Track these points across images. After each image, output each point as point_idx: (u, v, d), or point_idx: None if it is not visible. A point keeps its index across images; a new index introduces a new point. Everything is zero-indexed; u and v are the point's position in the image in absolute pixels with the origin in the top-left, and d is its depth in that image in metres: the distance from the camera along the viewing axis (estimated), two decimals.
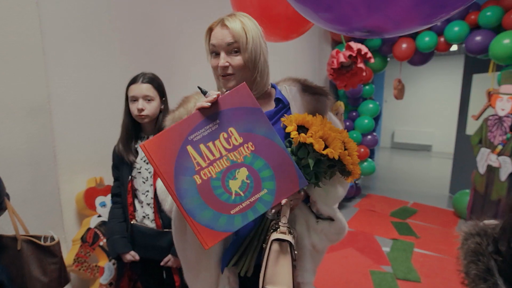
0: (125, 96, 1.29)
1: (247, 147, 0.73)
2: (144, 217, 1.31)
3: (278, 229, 0.76)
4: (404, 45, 3.40)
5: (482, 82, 3.73)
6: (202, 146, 0.71)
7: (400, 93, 3.89)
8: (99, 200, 1.58)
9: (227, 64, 0.81)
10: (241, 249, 0.85)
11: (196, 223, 0.70)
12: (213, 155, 0.72)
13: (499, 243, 0.79)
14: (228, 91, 0.74)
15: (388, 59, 3.88)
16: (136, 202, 1.32)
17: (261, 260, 0.86)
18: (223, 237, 0.71)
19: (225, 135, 0.72)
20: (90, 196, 1.56)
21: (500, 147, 2.51)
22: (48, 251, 1.13)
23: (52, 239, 1.16)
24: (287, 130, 0.79)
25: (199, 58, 2.28)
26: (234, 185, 0.72)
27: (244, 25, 0.80)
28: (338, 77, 3.13)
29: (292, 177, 0.74)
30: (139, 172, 1.30)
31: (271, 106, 0.91)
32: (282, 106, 0.90)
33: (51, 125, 1.44)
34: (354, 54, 2.83)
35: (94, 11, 1.58)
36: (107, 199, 1.61)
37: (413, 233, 3.10)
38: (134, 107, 1.25)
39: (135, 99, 1.25)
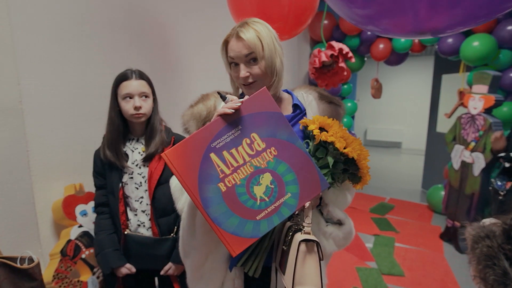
0: (112, 94, 1.18)
1: (270, 152, 0.73)
2: (139, 225, 1.21)
3: (303, 230, 0.76)
4: (381, 46, 3.50)
5: (451, 82, 3.93)
6: (225, 153, 0.71)
7: (377, 92, 4.00)
8: (79, 208, 1.45)
9: (247, 74, 0.83)
10: (251, 249, 0.85)
11: (222, 231, 0.69)
12: (237, 161, 0.71)
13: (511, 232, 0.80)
14: (249, 96, 0.74)
15: (365, 59, 3.97)
16: (127, 210, 1.22)
17: (273, 262, 0.89)
18: (250, 243, 0.71)
19: (248, 141, 0.72)
20: (69, 204, 1.42)
21: (473, 143, 2.65)
22: (26, 275, 0.99)
23: (31, 260, 1.02)
24: (310, 128, 0.80)
25: (190, 56, 2.18)
26: (259, 191, 0.72)
27: (258, 33, 0.82)
28: (319, 76, 3.15)
29: (314, 180, 0.75)
30: (131, 178, 1.19)
31: (286, 111, 0.94)
32: (299, 112, 0.93)
33: (23, 128, 1.29)
34: (336, 54, 2.86)
35: (70, 3, 1.44)
36: (88, 207, 1.48)
37: (392, 228, 3.21)
38: (129, 106, 1.14)
39: (130, 97, 1.14)
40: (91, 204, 1.50)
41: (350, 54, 2.85)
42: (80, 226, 1.45)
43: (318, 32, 3.76)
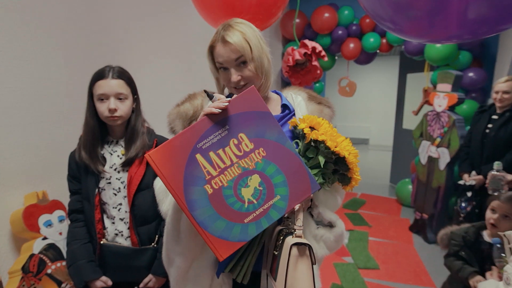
0: (88, 93, 1.08)
1: (259, 153, 0.70)
2: (116, 234, 1.11)
3: (294, 233, 0.73)
4: (351, 45, 3.58)
5: (415, 81, 4.13)
6: (212, 154, 0.68)
7: (348, 91, 4.11)
8: (43, 219, 1.32)
9: (239, 78, 0.82)
10: (239, 253, 0.81)
11: (209, 235, 0.66)
12: (224, 162, 0.68)
13: None
14: (236, 95, 0.71)
15: (336, 57, 4.05)
16: (104, 217, 1.12)
17: (263, 268, 0.86)
18: (238, 247, 0.68)
19: (235, 141, 0.69)
20: (30, 215, 1.29)
21: (438, 139, 2.79)
22: None
23: None
24: (300, 127, 0.78)
25: (151, 55, 2.07)
26: (247, 193, 0.69)
27: (244, 35, 0.80)
28: (293, 74, 3.16)
29: (304, 182, 0.72)
30: (109, 183, 1.10)
31: (275, 112, 0.92)
32: (288, 112, 0.91)
33: None
34: (309, 52, 2.87)
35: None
36: (54, 216, 1.35)
37: (365, 223, 3.30)
38: (104, 107, 1.05)
39: (105, 98, 1.05)
40: (57, 213, 1.37)
41: (323, 53, 2.88)
42: (45, 238, 1.32)
43: (290, 30, 3.77)
